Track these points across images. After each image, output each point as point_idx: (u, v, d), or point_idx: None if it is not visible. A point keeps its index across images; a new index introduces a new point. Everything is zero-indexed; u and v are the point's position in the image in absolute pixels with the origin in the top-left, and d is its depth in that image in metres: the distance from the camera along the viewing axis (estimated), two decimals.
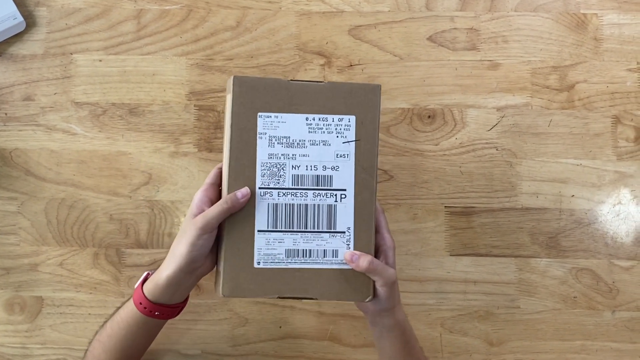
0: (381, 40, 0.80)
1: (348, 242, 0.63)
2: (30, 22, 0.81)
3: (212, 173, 0.64)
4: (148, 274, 0.65)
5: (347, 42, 0.80)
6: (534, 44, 0.80)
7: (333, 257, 0.62)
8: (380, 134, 0.79)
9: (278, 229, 0.62)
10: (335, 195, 0.62)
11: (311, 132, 0.61)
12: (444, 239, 0.78)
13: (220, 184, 0.63)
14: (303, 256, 0.62)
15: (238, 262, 0.61)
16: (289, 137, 0.61)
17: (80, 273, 0.79)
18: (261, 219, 0.61)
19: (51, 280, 0.79)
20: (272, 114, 0.61)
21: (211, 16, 0.81)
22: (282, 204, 0.61)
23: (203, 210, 0.60)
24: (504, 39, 0.80)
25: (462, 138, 0.79)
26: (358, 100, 0.62)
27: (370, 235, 0.62)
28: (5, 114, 0.80)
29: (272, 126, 0.61)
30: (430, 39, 0.80)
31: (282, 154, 0.61)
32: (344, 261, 0.62)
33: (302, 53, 0.80)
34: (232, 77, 0.60)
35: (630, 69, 0.79)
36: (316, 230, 0.62)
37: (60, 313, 0.79)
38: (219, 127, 0.80)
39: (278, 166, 0.61)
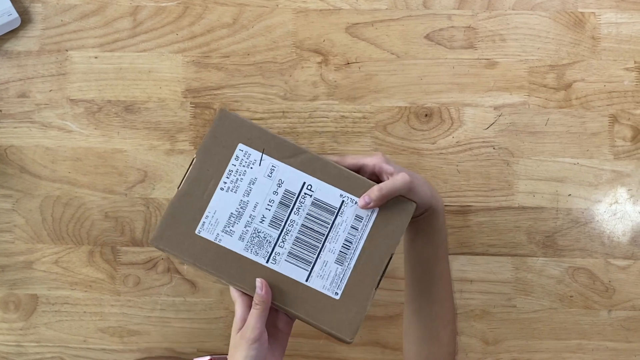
0: (378, 39, 0.80)
1: (353, 202, 0.60)
2: (25, 18, 0.80)
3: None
4: (212, 358, 0.66)
5: (344, 40, 0.80)
6: (532, 43, 0.80)
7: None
8: (377, 132, 0.79)
9: (311, 264, 0.60)
10: (305, 194, 0.60)
11: (232, 191, 0.59)
12: None
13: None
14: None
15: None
16: (229, 215, 0.59)
17: (76, 271, 0.79)
18: (297, 273, 0.59)
19: (46, 278, 0.79)
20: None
21: (207, 13, 0.80)
22: (294, 248, 0.60)
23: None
24: (502, 38, 0.80)
25: (459, 137, 0.79)
26: (225, 131, 0.60)
27: (351, 173, 0.60)
28: (0, 110, 0.80)
29: (211, 225, 0.59)
30: (427, 37, 0.80)
31: (245, 227, 0.59)
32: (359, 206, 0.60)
33: (299, 51, 0.80)
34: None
35: (627, 68, 0.79)
36: (328, 228, 0.60)
37: (55, 311, 0.78)
38: None
39: (253, 234, 0.59)
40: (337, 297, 0.59)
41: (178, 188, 0.59)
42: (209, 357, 0.67)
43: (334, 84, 0.80)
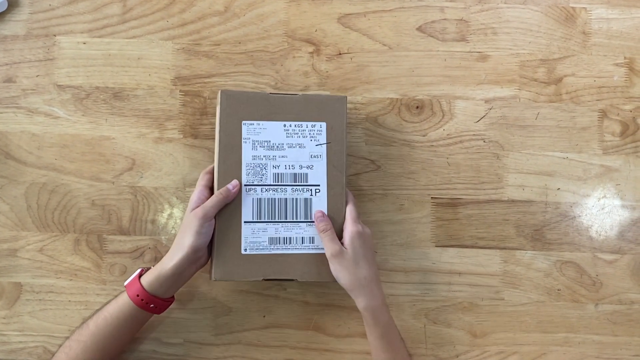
0: (370, 29, 0.80)
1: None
2: (12, 1, 0.79)
3: (205, 177, 0.71)
4: (142, 269, 0.70)
5: (337, 30, 0.80)
6: (523, 37, 0.80)
7: (310, 243, 0.71)
8: (368, 124, 0.79)
9: (262, 220, 0.70)
10: (311, 189, 0.71)
11: (288, 136, 0.71)
12: (429, 229, 0.78)
13: (211, 187, 0.71)
14: (284, 243, 0.70)
15: (228, 250, 0.69)
16: (270, 141, 0.71)
17: (61, 259, 0.77)
18: (247, 212, 0.70)
19: (30, 266, 0.77)
20: (255, 122, 0.70)
21: (199, 0, 0.80)
22: (264, 198, 0.70)
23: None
24: (493, 31, 0.80)
25: (449, 129, 0.79)
26: (328, 109, 0.71)
27: (342, 223, 0.71)
28: None
29: (255, 132, 0.70)
30: (419, 29, 0.80)
31: (264, 156, 0.70)
32: (319, 247, 0.70)
33: (291, 40, 0.79)
34: (220, 91, 0.70)
35: (617, 64, 0.80)
36: (295, 220, 0.71)
37: (40, 300, 0.77)
38: (205, 113, 0.79)
39: (261, 166, 0.70)
40: (242, 253, 0.70)
41: (273, 92, 0.73)
42: (140, 269, 0.70)
43: (325, 75, 0.79)
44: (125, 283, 0.69)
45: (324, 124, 0.71)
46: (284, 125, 0.71)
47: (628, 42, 0.80)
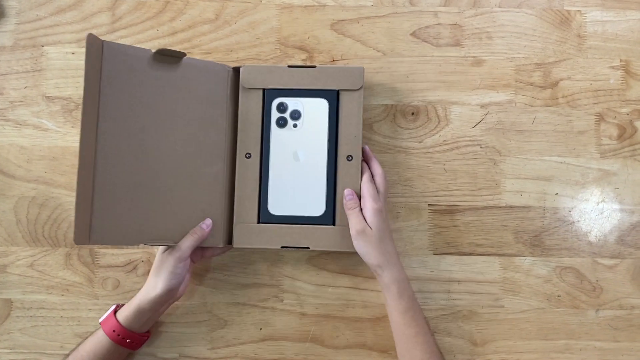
0: (364, 35, 0.79)
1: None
2: None
3: None
4: (117, 305, 0.70)
5: (330, 37, 0.79)
6: (518, 41, 0.79)
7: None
8: (363, 131, 0.77)
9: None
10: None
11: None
12: (427, 237, 0.77)
13: None
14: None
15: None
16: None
17: (52, 274, 0.76)
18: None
19: (21, 282, 0.76)
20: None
21: (189, 8, 0.78)
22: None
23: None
24: (488, 35, 0.79)
25: (445, 135, 0.78)
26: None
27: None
28: None
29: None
30: (413, 34, 0.79)
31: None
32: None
33: (284, 47, 0.78)
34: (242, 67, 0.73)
35: (613, 67, 0.79)
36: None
37: (31, 316, 0.75)
38: None
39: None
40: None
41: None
42: (115, 305, 0.70)
43: None
44: (101, 320, 0.69)
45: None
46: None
47: (623, 45, 0.79)
